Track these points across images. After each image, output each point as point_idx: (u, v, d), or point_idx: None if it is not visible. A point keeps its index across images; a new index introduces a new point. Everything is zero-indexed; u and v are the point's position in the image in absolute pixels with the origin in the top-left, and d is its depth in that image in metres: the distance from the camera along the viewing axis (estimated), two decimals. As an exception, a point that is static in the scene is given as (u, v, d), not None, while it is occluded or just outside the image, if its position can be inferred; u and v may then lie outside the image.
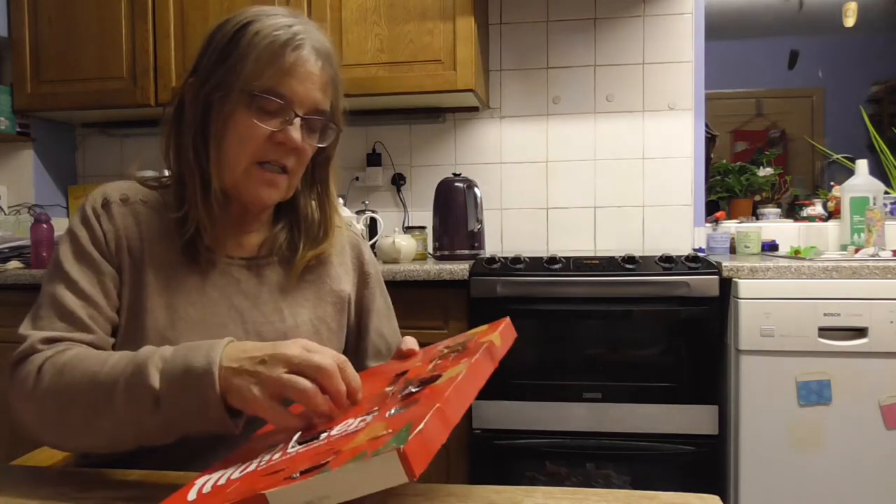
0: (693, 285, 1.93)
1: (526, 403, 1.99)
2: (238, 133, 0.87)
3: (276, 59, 0.86)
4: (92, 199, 0.93)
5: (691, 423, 1.94)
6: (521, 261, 2.05)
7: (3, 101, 2.59)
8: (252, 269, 0.96)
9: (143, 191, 0.96)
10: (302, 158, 0.92)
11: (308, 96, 0.88)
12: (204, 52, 0.90)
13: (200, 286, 0.92)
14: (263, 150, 0.88)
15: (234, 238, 0.96)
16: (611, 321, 1.98)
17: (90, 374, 0.76)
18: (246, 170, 0.89)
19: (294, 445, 0.64)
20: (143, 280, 0.90)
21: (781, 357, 1.85)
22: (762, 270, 1.88)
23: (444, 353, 0.76)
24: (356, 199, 2.68)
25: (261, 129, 0.87)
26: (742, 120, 4.72)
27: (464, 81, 2.31)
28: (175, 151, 0.92)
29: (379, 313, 1.07)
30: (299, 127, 0.88)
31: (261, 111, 0.87)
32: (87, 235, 0.90)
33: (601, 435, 1.98)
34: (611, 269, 2.00)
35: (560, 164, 2.66)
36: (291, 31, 0.87)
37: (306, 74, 0.87)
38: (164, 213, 0.94)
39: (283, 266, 0.98)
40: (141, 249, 0.91)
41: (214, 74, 0.88)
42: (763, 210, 2.68)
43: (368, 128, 2.72)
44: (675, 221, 2.59)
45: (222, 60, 0.87)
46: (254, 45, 0.86)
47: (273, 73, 0.85)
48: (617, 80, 2.62)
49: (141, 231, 0.92)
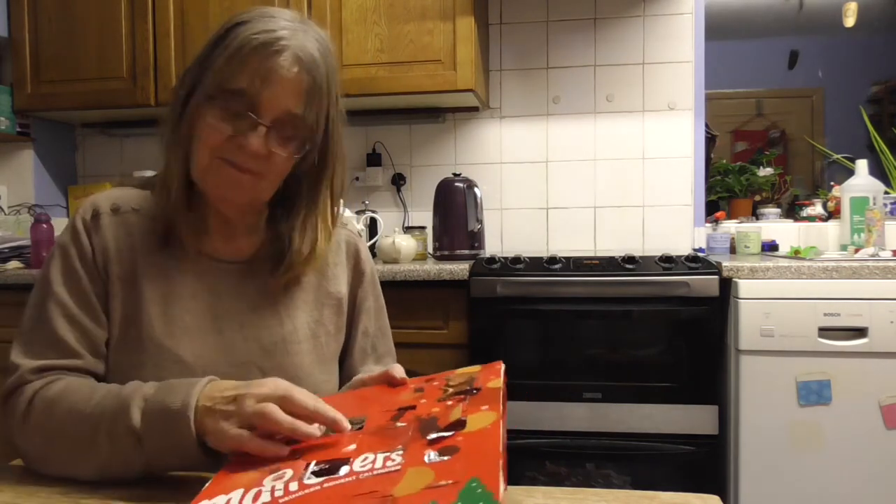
0: (693, 285, 1.93)
1: (526, 403, 1.99)
2: (201, 130, 0.86)
3: (246, 62, 0.83)
4: (82, 211, 0.93)
5: (691, 423, 1.94)
6: (521, 261, 2.05)
7: (4, 101, 2.59)
8: (248, 273, 0.95)
9: (135, 198, 0.95)
10: (271, 164, 0.87)
11: (277, 103, 0.84)
12: (200, 52, 0.90)
13: (197, 293, 0.92)
14: (223, 147, 0.85)
15: (230, 242, 0.95)
16: (611, 321, 1.98)
17: (77, 410, 0.78)
18: (209, 166, 0.86)
19: (310, 477, 0.63)
20: (138, 291, 0.89)
21: (781, 357, 1.85)
22: (762, 270, 1.88)
23: (450, 392, 0.75)
24: (356, 199, 2.68)
25: (223, 128, 0.84)
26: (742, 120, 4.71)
27: (464, 81, 2.31)
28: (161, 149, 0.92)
29: (368, 312, 1.07)
30: (263, 134, 0.85)
31: (225, 111, 0.84)
32: (76, 252, 0.90)
33: (601, 435, 1.98)
34: (611, 269, 2.00)
35: (560, 164, 2.66)
36: (273, 36, 0.84)
37: (278, 80, 0.83)
38: (156, 220, 0.93)
39: (276, 268, 0.96)
40: (133, 260, 0.91)
41: (192, 72, 0.88)
42: (763, 210, 2.68)
43: (368, 128, 2.72)
44: (675, 221, 2.59)
45: (202, 59, 0.87)
46: (228, 45, 0.84)
47: (243, 76, 0.83)
48: (617, 80, 2.62)
49: (133, 241, 0.92)
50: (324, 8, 2.37)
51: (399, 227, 2.64)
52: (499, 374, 0.77)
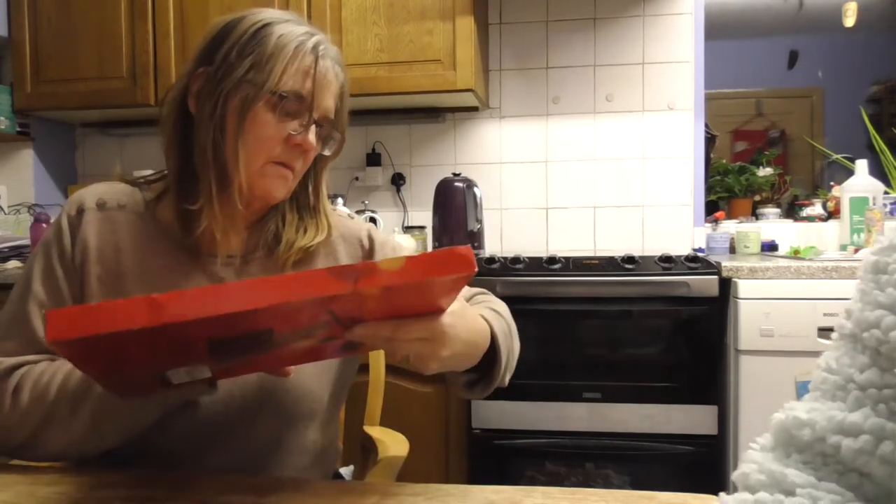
0: (693, 285, 1.93)
1: (526, 403, 2.00)
2: (257, 132, 0.88)
3: (303, 64, 0.88)
4: (68, 207, 0.93)
5: (691, 424, 1.94)
6: (520, 261, 2.05)
7: (3, 100, 2.58)
8: (236, 267, 0.95)
9: (122, 194, 0.95)
10: (307, 162, 0.94)
11: (324, 103, 0.91)
12: (217, 46, 0.89)
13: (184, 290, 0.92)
14: (279, 150, 0.89)
15: (224, 237, 0.95)
16: (610, 321, 1.98)
17: (56, 382, 0.81)
18: (263, 168, 0.89)
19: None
20: (123, 290, 0.90)
21: (781, 357, 1.85)
22: (762, 270, 1.88)
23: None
24: (356, 199, 2.68)
25: (281, 130, 0.88)
26: (742, 120, 4.72)
27: (463, 81, 2.31)
28: (183, 145, 0.91)
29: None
30: (314, 131, 0.91)
31: (283, 112, 0.88)
32: (57, 250, 0.91)
33: (601, 435, 1.98)
34: (610, 269, 2.00)
35: (560, 164, 2.66)
36: (315, 39, 0.90)
37: (326, 82, 0.90)
38: (145, 217, 0.93)
39: (268, 261, 0.97)
40: (117, 259, 0.91)
41: (235, 70, 0.87)
42: (763, 210, 2.68)
43: (368, 127, 2.72)
44: (674, 221, 2.59)
45: (244, 57, 0.87)
46: (280, 46, 0.87)
47: (300, 77, 0.88)
48: (617, 80, 2.62)
49: (118, 238, 0.92)
50: (323, 8, 2.37)
51: (399, 226, 2.64)
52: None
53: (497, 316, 0.92)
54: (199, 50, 0.93)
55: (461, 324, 0.75)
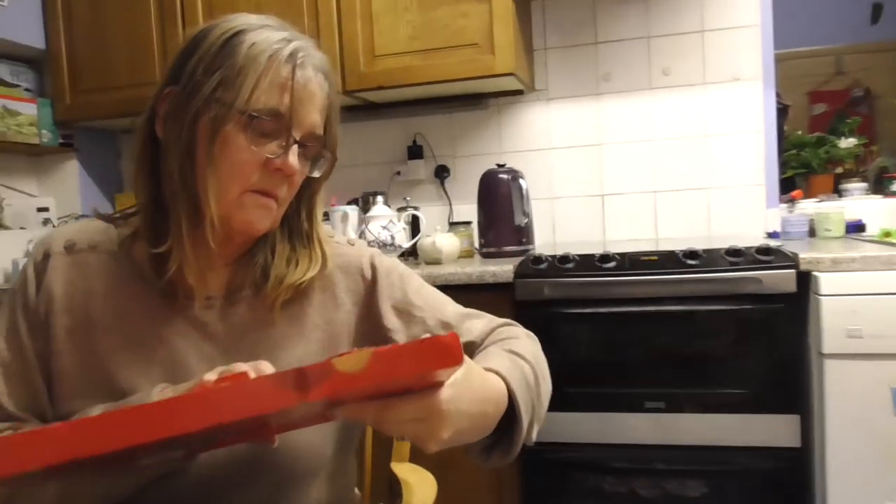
0: (766, 281, 1.72)
1: (581, 415, 1.84)
2: (229, 157, 0.77)
3: (278, 76, 0.76)
4: (35, 252, 0.85)
5: (770, 435, 1.74)
6: (570, 259, 1.88)
7: (45, 113, 2.58)
8: (220, 310, 0.84)
9: (95, 232, 0.86)
10: (292, 187, 0.82)
11: (307, 119, 0.79)
12: (185, 60, 0.79)
13: (164, 339, 0.82)
14: (256, 177, 0.78)
15: (202, 276, 0.84)
16: (673, 323, 1.79)
17: None
18: (239, 199, 0.78)
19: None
20: (94, 342, 0.80)
21: (873, 361, 1.62)
22: (846, 262, 1.66)
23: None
24: (398, 196, 2.56)
25: (257, 155, 0.77)
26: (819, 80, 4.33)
27: (503, 65, 2.14)
28: (151, 175, 0.81)
29: (399, 307, 0.90)
30: (296, 152, 0.79)
31: (257, 133, 0.77)
32: (21, 301, 0.82)
33: (666, 448, 1.81)
34: (671, 265, 1.81)
35: (614, 147, 2.46)
36: (293, 46, 0.78)
37: (308, 95, 0.79)
38: (119, 257, 0.83)
39: (256, 301, 0.85)
40: (87, 307, 0.81)
41: (202, 87, 0.76)
42: (846, 185, 2.40)
43: (407, 119, 2.58)
44: (745, 204, 2.36)
45: (212, 72, 0.76)
46: (251, 57, 0.76)
47: (274, 92, 0.76)
48: (674, 52, 2.38)
49: (89, 284, 0.82)
50: (352, -2, 2.24)
51: (444, 222, 2.51)
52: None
53: (517, 363, 0.78)
54: (169, 66, 0.82)
55: (466, 395, 0.61)
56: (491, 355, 0.79)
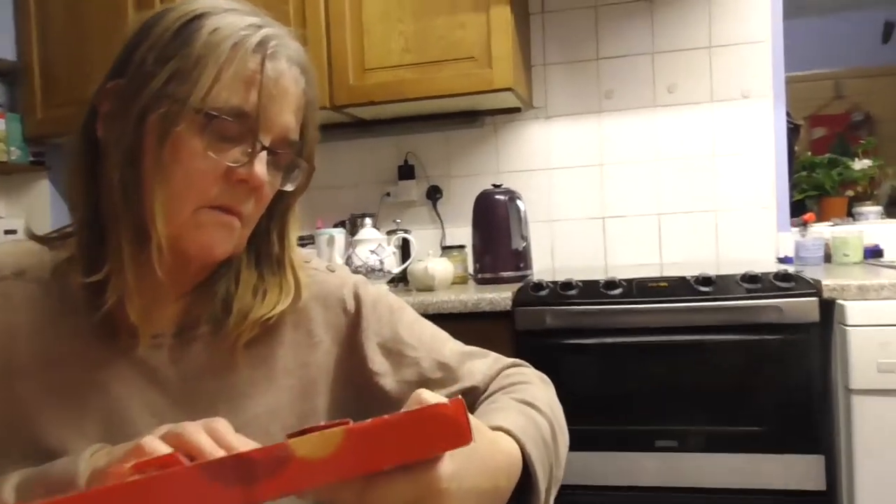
0: (786, 310, 1.59)
1: (587, 454, 1.69)
2: (184, 166, 0.63)
3: (244, 69, 0.63)
4: None
5: (791, 477, 1.60)
6: (573, 286, 1.75)
7: (14, 129, 2.45)
8: (169, 350, 0.70)
9: (25, 256, 0.70)
10: (260, 203, 0.68)
11: (278, 121, 0.66)
12: (134, 49, 0.65)
13: (100, 386, 0.67)
14: (216, 190, 0.64)
15: (149, 310, 0.69)
16: (685, 355, 1.66)
17: None
18: (193, 218, 0.64)
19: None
20: (15, 390, 0.65)
21: (906, 398, 1.49)
22: (875, 290, 1.53)
23: None
24: (387, 218, 2.42)
25: (216, 163, 0.63)
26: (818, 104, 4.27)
27: (501, 80, 2.03)
28: (89, 187, 0.67)
29: (385, 345, 0.77)
30: (264, 160, 0.65)
31: (216, 137, 0.63)
32: None
33: (679, 490, 1.67)
34: (682, 292, 1.67)
35: (617, 167, 2.34)
36: (263, 34, 0.65)
37: (280, 92, 0.66)
38: (49, 287, 0.69)
39: (215, 340, 0.71)
40: (7, 346, 0.66)
41: (152, 81, 0.63)
42: (859, 209, 2.29)
43: (398, 137, 2.46)
44: (754, 227, 2.24)
45: (164, 62, 0.63)
46: (212, 45, 0.63)
47: (239, 87, 0.63)
48: (680, 68, 2.28)
49: (11, 319, 0.67)
50: (342, 8, 2.12)
51: (437, 246, 2.38)
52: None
53: (531, 417, 0.64)
54: (116, 56, 0.69)
55: (472, 467, 0.47)
56: (499, 409, 0.65)
